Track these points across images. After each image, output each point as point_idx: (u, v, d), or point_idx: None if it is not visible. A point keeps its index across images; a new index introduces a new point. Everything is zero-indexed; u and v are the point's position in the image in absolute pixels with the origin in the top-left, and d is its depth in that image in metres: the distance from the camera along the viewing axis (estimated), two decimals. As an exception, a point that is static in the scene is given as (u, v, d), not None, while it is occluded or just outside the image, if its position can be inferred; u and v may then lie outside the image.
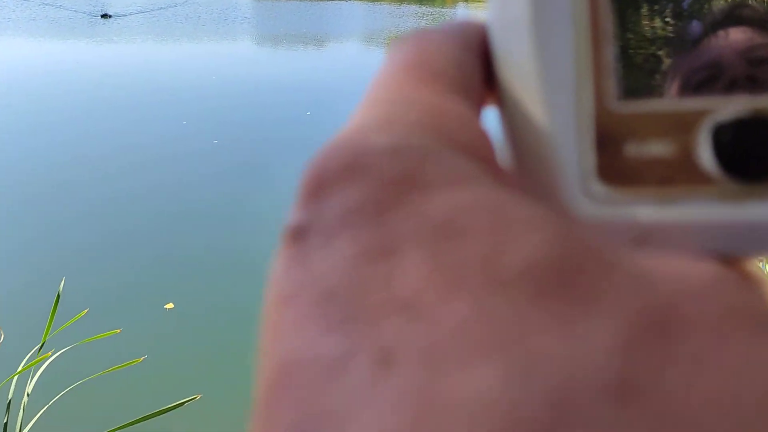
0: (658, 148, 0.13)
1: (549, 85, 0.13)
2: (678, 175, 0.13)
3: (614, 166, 0.14)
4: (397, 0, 35.25)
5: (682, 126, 0.13)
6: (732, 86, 0.13)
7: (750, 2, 0.13)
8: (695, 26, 0.13)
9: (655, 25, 0.13)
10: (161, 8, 19.55)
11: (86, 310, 2.02)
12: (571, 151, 0.14)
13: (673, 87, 0.14)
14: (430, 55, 0.14)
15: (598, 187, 0.14)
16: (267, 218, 4.63)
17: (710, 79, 0.13)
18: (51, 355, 1.96)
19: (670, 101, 0.13)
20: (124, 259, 3.94)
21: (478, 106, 0.14)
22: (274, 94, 9.06)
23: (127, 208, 4.73)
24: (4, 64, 10.09)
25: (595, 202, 0.14)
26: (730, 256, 0.13)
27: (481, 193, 0.11)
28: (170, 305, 3.45)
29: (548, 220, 0.11)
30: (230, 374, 2.95)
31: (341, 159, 0.11)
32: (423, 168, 0.11)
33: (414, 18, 22.89)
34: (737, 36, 0.14)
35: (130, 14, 17.73)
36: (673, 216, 0.13)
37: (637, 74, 0.13)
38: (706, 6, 0.13)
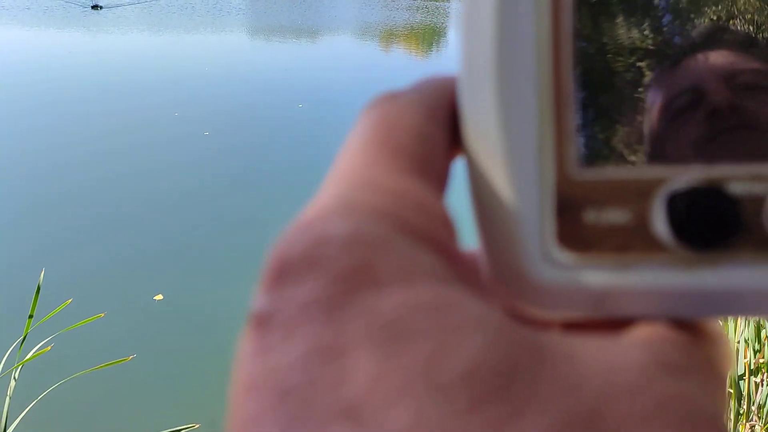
0: (616, 216, 0.14)
1: (512, 150, 0.14)
2: (634, 241, 0.14)
3: (573, 232, 0.14)
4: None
5: (639, 194, 0.14)
6: (713, 114, 0.13)
7: (730, 26, 0.13)
8: (677, 44, 0.13)
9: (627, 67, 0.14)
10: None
11: (70, 300, 2.00)
12: (532, 216, 0.14)
13: (654, 109, 0.14)
14: (395, 129, 0.14)
15: (558, 253, 0.14)
16: (254, 209, 4.61)
17: (691, 104, 0.13)
18: (42, 352, 1.93)
19: (629, 169, 0.14)
20: (108, 247, 3.90)
21: (440, 181, 0.14)
22: (265, 86, 9.01)
23: (115, 195, 4.69)
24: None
25: (554, 267, 0.14)
26: (685, 320, 0.13)
27: (430, 292, 0.11)
28: (159, 296, 3.43)
29: (490, 320, 0.11)
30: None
31: (301, 247, 0.12)
32: (376, 262, 0.12)
33: (408, 11, 22.80)
34: (718, 60, 0.13)
35: (122, 5, 17.42)
36: (628, 282, 0.14)
37: (599, 140, 0.14)
38: (686, 28, 0.13)
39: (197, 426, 1.88)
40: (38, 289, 1.87)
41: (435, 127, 0.14)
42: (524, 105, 0.14)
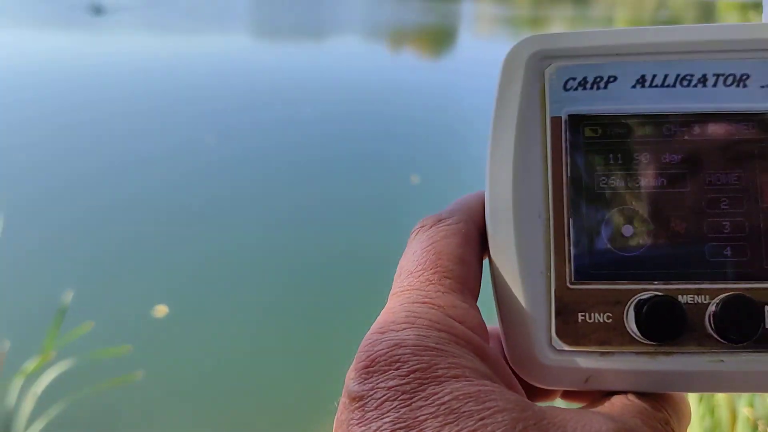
0: (599, 317, 0.19)
1: (524, 269, 0.19)
2: (613, 336, 0.20)
3: (569, 328, 0.20)
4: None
5: (616, 302, 0.19)
6: (709, 185, 0.18)
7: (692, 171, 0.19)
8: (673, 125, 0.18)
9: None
10: (157, 2, 19.28)
11: (91, 323, 1.94)
12: (539, 317, 0.20)
13: (628, 240, 0.18)
14: (442, 256, 0.20)
15: (557, 343, 0.20)
16: (271, 217, 4.53)
17: (688, 174, 0.18)
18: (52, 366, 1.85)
19: (609, 284, 0.19)
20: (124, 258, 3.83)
21: (474, 291, 0.20)
22: (270, 90, 8.94)
23: (123, 207, 4.62)
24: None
25: (555, 353, 0.20)
26: (652, 392, 0.19)
27: (473, 386, 0.17)
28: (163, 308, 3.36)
29: (510, 402, 0.17)
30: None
31: (384, 350, 0.17)
32: (436, 363, 0.17)
33: (418, 13, 22.76)
34: (715, 130, 0.18)
35: (125, 9, 16.90)
36: (609, 365, 0.19)
37: (587, 263, 0.19)
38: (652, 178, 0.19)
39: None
40: (61, 309, 1.80)
41: (470, 251, 0.20)
42: (533, 236, 0.20)
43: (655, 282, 0.19)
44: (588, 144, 0.19)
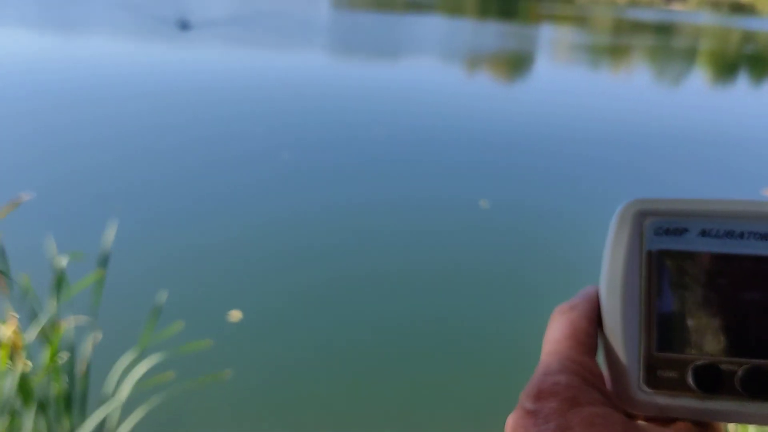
0: (672, 374, 0.30)
1: (625, 343, 0.31)
2: (679, 385, 0.30)
3: (652, 379, 0.31)
4: (478, 15, 35.18)
5: (681, 365, 0.30)
6: (736, 299, 0.30)
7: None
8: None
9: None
10: (240, 19, 20.20)
11: (180, 323, 2.17)
12: (633, 371, 0.31)
13: (702, 289, 0.30)
14: (576, 331, 0.32)
15: (644, 388, 0.31)
16: (345, 230, 4.75)
17: (728, 291, 0.30)
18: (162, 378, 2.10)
19: (676, 354, 0.30)
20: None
21: (595, 352, 0.32)
22: (346, 109, 9.26)
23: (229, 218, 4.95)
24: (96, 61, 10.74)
25: (643, 394, 0.31)
26: (702, 422, 0.31)
27: (599, 410, 0.28)
28: (237, 312, 3.62)
29: (621, 422, 0.28)
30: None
31: (548, 386, 0.29)
32: (578, 396, 0.29)
33: (495, 37, 22.77)
34: (745, 263, 0.31)
35: (209, 25, 18.00)
36: (676, 403, 0.30)
37: (664, 345, 0.31)
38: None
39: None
40: (156, 308, 2.05)
41: (592, 327, 0.32)
42: (633, 323, 0.31)
43: (706, 355, 0.30)
44: (667, 268, 0.30)
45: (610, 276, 0.31)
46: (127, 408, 2.20)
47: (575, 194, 6.19)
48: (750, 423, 0.29)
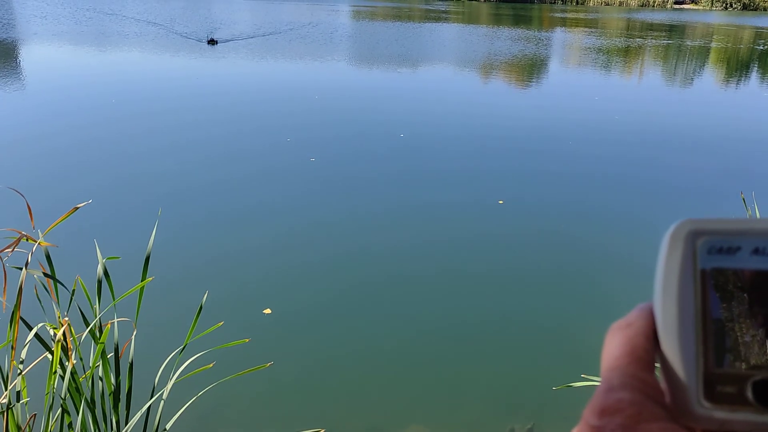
0: (731, 389, 0.31)
1: (683, 358, 0.31)
2: (738, 400, 0.30)
3: (711, 394, 0.31)
4: (493, 22, 35.32)
5: (740, 379, 0.30)
6: None
7: None
8: None
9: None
10: (265, 35, 20.64)
11: (221, 323, 2.26)
12: (692, 386, 0.31)
13: (756, 305, 0.31)
14: (635, 347, 0.32)
15: (704, 403, 0.31)
16: (358, 232, 4.83)
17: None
18: (205, 368, 2.19)
19: (736, 369, 0.31)
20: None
21: (653, 368, 0.32)
22: (370, 115, 9.36)
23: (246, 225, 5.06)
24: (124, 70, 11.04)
25: (703, 409, 0.31)
26: None
27: (665, 426, 0.29)
28: (268, 311, 3.71)
29: None
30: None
31: (612, 402, 0.30)
32: (642, 412, 0.29)
33: (510, 41, 22.83)
34: None
35: (236, 40, 18.70)
36: (735, 417, 0.30)
37: (723, 358, 0.31)
38: None
39: (322, 431, 2.05)
40: (200, 308, 2.14)
41: (649, 344, 0.33)
42: (689, 342, 0.31)
43: (765, 370, 0.30)
44: (721, 285, 0.31)
45: (665, 294, 0.32)
46: (172, 403, 2.28)
47: (603, 194, 6.23)
48: None
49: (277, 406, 3.01)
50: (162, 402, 2.20)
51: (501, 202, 5.87)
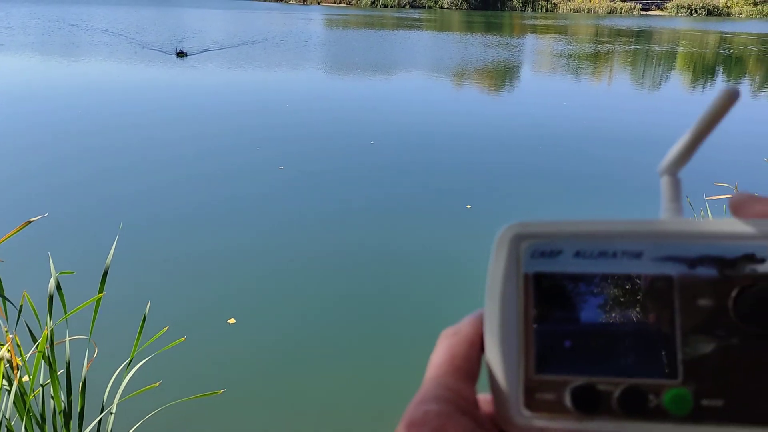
0: (550, 396, 0.30)
1: (505, 365, 0.31)
2: (557, 407, 0.30)
3: (531, 402, 0.30)
4: (465, 29, 35.60)
5: (559, 386, 0.30)
6: (612, 314, 0.30)
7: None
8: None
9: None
10: (237, 45, 20.51)
11: (166, 328, 2.20)
12: (513, 394, 0.30)
13: (577, 308, 0.30)
14: (456, 356, 0.31)
15: (525, 410, 0.30)
16: (325, 239, 4.80)
17: (601, 307, 0.30)
18: (151, 387, 2.12)
19: (554, 375, 0.30)
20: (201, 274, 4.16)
21: (474, 378, 0.31)
22: (340, 123, 9.34)
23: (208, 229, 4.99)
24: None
25: (522, 417, 0.30)
26: None
27: None
28: (232, 320, 3.66)
29: None
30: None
31: (419, 415, 0.29)
32: (445, 424, 0.28)
33: (482, 47, 23.02)
34: (618, 282, 0.30)
35: (206, 51, 18.37)
36: (554, 425, 0.30)
37: (543, 364, 0.30)
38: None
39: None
40: (144, 318, 2.08)
41: (473, 352, 0.32)
42: (512, 345, 0.31)
43: (583, 376, 0.30)
44: (543, 290, 0.31)
45: (489, 300, 0.31)
46: (127, 418, 2.22)
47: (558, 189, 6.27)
48: None
49: (238, 424, 2.94)
50: (111, 416, 2.14)
51: (469, 206, 5.87)
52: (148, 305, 2.34)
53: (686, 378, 0.29)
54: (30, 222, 2.22)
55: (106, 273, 2.20)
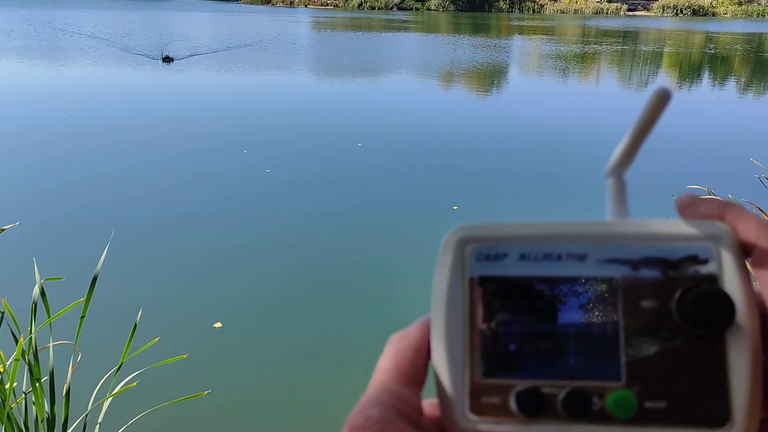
0: (495, 400, 0.30)
1: (451, 369, 0.30)
2: (503, 411, 0.30)
3: (476, 406, 0.30)
4: (453, 31, 35.72)
5: (504, 390, 0.30)
6: (558, 318, 0.30)
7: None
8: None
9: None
10: (225, 49, 20.41)
11: (158, 338, 2.18)
12: (459, 398, 0.30)
13: (522, 311, 0.30)
14: (402, 361, 0.31)
15: (470, 414, 0.30)
16: (315, 241, 4.79)
17: (546, 311, 0.30)
18: (130, 387, 2.11)
19: (500, 380, 0.30)
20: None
21: (420, 384, 0.31)
22: (328, 126, 9.34)
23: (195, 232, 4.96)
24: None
25: (468, 421, 0.30)
26: None
27: None
28: (218, 324, 3.64)
29: None
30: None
31: (360, 420, 0.28)
32: (387, 429, 0.28)
33: (470, 48, 23.09)
34: (563, 285, 0.30)
35: (193, 56, 18.21)
36: (500, 429, 0.29)
37: (489, 368, 0.30)
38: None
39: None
40: (135, 326, 2.06)
41: (419, 358, 0.31)
42: (458, 350, 0.30)
43: (527, 379, 0.29)
44: (488, 293, 0.31)
45: (435, 304, 0.31)
46: (112, 426, 2.20)
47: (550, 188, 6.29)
48: None
49: (224, 427, 2.93)
50: (97, 426, 2.12)
51: (456, 207, 5.88)
52: (140, 313, 2.32)
53: (630, 380, 0.29)
54: (2, 230, 2.20)
55: (95, 279, 2.18)
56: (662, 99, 0.30)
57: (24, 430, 2.11)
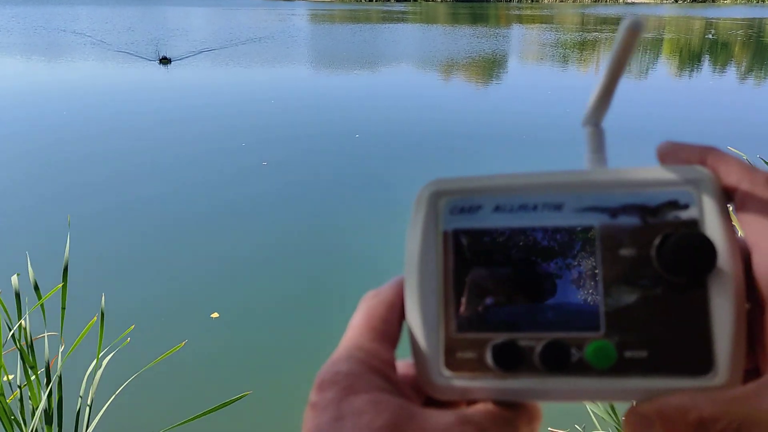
0: (470, 355, 0.28)
1: (425, 324, 0.29)
2: (478, 366, 0.28)
3: (452, 362, 0.29)
4: (451, 21, 35.62)
5: (480, 345, 0.28)
6: (533, 269, 0.29)
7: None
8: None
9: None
10: (223, 47, 20.19)
11: (132, 326, 2.17)
12: (433, 354, 0.29)
13: (497, 263, 0.29)
14: (374, 317, 0.30)
15: (445, 371, 0.29)
16: (312, 232, 4.78)
17: (520, 262, 0.29)
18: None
19: (476, 334, 0.29)
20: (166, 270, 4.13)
21: (394, 340, 0.30)
22: (326, 119, 9.31)
23: (191, 224, 4.96)
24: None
25: (443, 378, 0.29)
26: (505, 401, 0.28)
27: (373, 397, 0.27)
28: (216, 314, 3.63)
29: (395, 404, 0.26)
30: (279, 371, 3.05)
31: (329, 375, 0.28)
32: (356, 383, 0.27)
33: (469, 38, 23.00)
34: (538, 236, 0.29)
35: (186, 58, 17.40)
36: (475, 384, 0.28)
37: (464, 323, 0.29)
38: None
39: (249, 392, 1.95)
40: (102, 313, 2.05)
41: (392, 315, 0.30)
42: (431, 306, 0.29)
43: (504, 332, 0.28)
44: (462, 247, 0.29)
45: (408, 260, 0.30)
46: (104, 410, 2.18)
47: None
48: (551, 400, 0.28)
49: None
50: (88, 410, 2.11)
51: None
52: (103, 298, 2.30)
53: (609, 330, 0.28)
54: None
55: (66, 270, 2.16)
56: (633, 31, 0.28)
57: (23, 423, 2.10)
